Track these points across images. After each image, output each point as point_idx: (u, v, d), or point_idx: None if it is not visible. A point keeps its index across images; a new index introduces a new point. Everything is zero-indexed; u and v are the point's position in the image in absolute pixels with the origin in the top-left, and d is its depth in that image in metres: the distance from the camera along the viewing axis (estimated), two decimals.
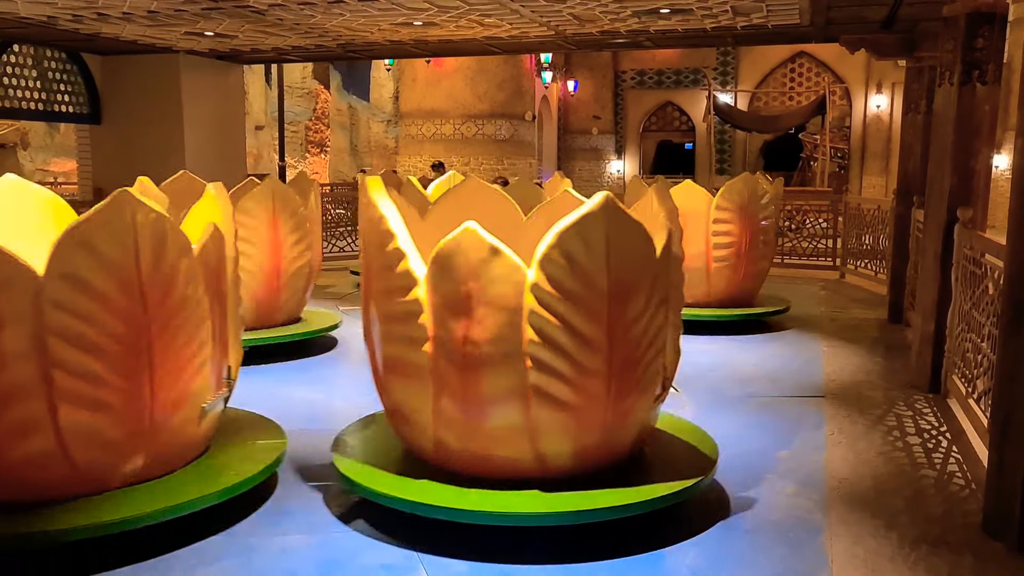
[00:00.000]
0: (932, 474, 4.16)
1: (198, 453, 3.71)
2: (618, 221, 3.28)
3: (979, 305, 4.61)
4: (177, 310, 3.30)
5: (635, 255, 3.33)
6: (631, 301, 3.32)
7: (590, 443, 3.45)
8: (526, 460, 3.44)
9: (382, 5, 6.57)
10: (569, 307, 3.23)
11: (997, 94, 5.29)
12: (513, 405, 3.32)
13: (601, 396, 3.35)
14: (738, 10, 6.83)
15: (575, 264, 3.20)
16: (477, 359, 3.30)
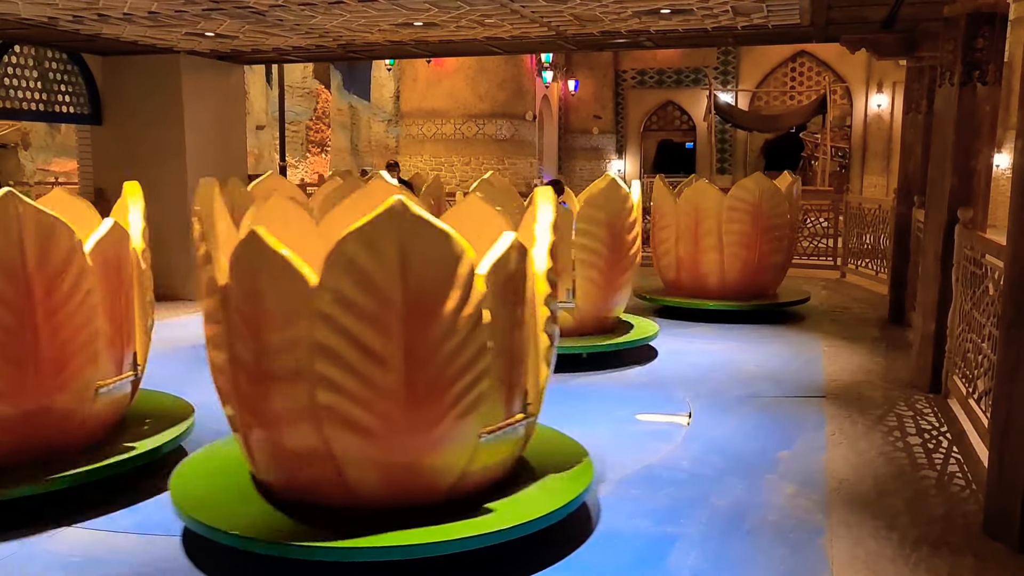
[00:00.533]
0: (933, 475, 4.17)
1: (102, 432, 3.93)
2: (415, 228, 2.88)
3: (980, 305, 4.61)
4: (64, 301, 3.52)
5: (439, 267, 2.93)
6: (435, 318, 2.92)
7: (399, 473, 3.10)
8: (331, 487, 3.14)
9: (382, 6, 6.57)
10: (356, 321, 2.87)
11: (998, 94, 5.29)
12: (306, 426, 3.01)
13: (401, 421, 2.99)
14: (738, 10, 6.82)
15: (361, 274, 2.85)
16: (268, 374, 3.02)
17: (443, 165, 15.65)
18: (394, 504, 3.16)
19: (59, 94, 9.02)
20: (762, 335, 7.43)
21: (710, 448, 4.51)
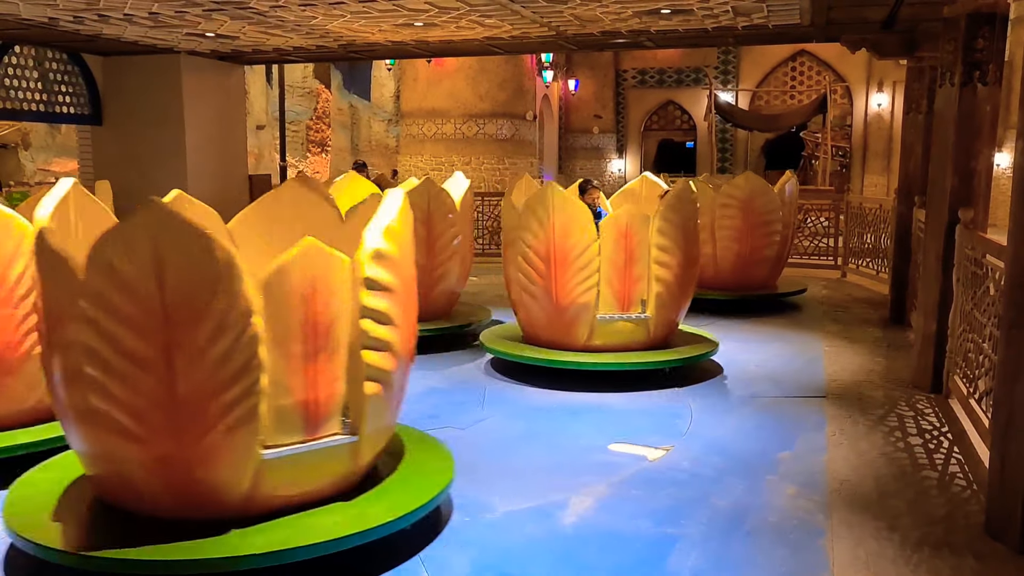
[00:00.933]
0: (934, 475, 4.17)
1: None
2: (174, 232, 2.81)
3: (980, 305, 4.61)
4: None
5: (202, 272, 2.84)
6: (200, 323, 2.84)
7: (183, 485, 3.03)
8: (123, 491, 3.14)
9: (383, 6, 6.57)
10: (117, 324, 2.83)
11: (998, 95, 5.29)
12: (87, 428, 3.02)
13: (166, 429, 2.91)
14: (739, 10, 6.82)
15: (117, 276, 2.81)
16: (51, 371, 3.09)
17: (443, 165, 15.63)
18: (187, 516, 3.08)
19: (59, 94, 9.02)
20: (762, 335, 7.43)
21: (710, 448, 4.51)
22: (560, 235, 5.69)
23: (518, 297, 6.08)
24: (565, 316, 5.80)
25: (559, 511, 3.72)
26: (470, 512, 3.71)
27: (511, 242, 6.02)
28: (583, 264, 5.69)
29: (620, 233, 5.78)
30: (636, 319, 5.88)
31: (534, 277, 5.84)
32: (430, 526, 3.51)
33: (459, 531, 3.53)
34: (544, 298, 5.84)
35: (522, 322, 6.24)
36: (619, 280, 5.85)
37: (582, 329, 5.79)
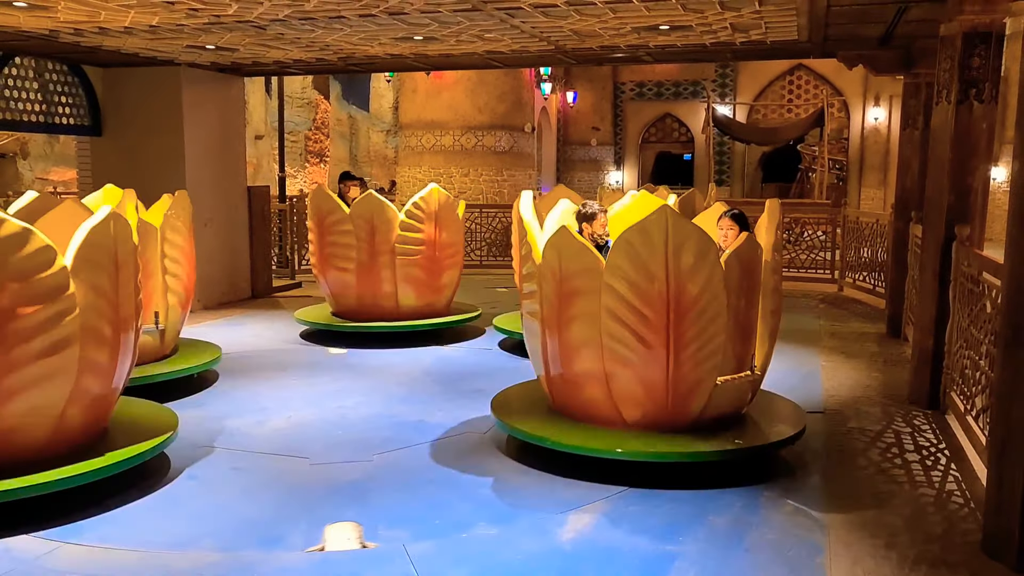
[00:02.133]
0: (931, 492, 4.17)
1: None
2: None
3: (977, 322, 4.63)
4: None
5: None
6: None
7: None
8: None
9: (383, 20, 6.60)
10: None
11: (994, 113, 5.33)
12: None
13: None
14: (737, 27, 6.86)
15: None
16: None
17: (442, 176, 15.67)
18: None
19: (59, 105, 9.03)
20: None
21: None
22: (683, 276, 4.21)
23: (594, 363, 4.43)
24: (681, 386, 4.30)
25: (557, 527, 3.72)
26: (465, 528, 3.71)
27: (575, 291, 4.35)
28: (711, 315, 4.22)
29: (743, 270, 4.41)
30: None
31: (632, 337, 4.26)
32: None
33: (456, 546, 3.54)
34: (649, 364, 4.29)
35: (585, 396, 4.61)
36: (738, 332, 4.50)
37: (698, 400, 4.37)
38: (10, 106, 8.49)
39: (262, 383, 6.25)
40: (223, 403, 5.74)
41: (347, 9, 6.17)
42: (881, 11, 6.13)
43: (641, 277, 4.16)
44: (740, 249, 4.35)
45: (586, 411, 4.54)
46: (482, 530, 3.70)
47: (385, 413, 5.52)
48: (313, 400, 5.80)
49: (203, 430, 5.07)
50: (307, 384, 6.25)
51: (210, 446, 4.80)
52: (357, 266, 7.54)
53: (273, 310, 9.44)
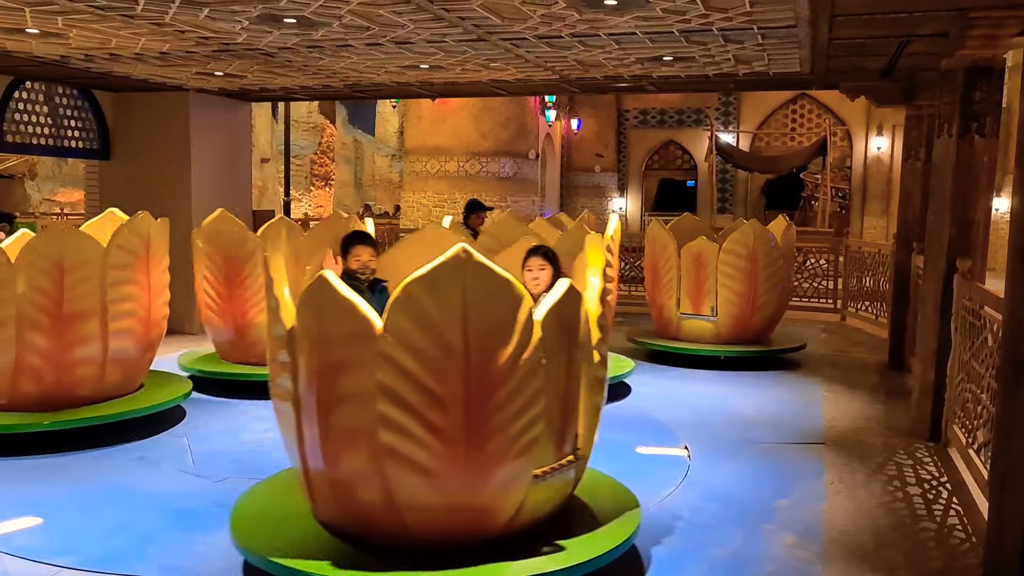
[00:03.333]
0: (932, 526, 4.16)
1: None
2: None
3: (978, 356, 4.63)
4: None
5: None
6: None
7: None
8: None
9: (389, 49, 6.68)
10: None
11: (995, 146, 5.37)
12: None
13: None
14: (740, 58, 6.94)
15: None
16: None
17: (446, 202, 15.75)
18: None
19: (69, 129, 9.13)
20: (760, 379, 7.44)
21: (708, 495, 4.50)
22: None
23: None
24: (487, 487, 3.38)
25: None
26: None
27: (341, 364, 3.26)
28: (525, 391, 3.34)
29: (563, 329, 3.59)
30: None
31: (419, 425, 3.37)
32: None
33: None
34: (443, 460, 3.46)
35: None
36: None
37: (510, 502, 3.45)
38: (20, 129, 8.58)
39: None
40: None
41: (354, 38, 6.25)
42: (883, 44, 6.20)
43: (430, 344, 3.05)
44: (560, 304, 3.28)
45: (361, 522, 3.39)
46: None
47: None
48: None
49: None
50: None
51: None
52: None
53: None
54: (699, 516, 4.21)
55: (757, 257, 7.87)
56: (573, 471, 3.52)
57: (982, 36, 5.06)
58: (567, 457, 3.44)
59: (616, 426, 5.55)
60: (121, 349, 5.58)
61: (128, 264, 5.62)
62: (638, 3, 5.09)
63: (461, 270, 3.00)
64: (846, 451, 5.34)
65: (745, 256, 7.85)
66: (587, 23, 5.68)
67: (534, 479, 3.25)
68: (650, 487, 4.63)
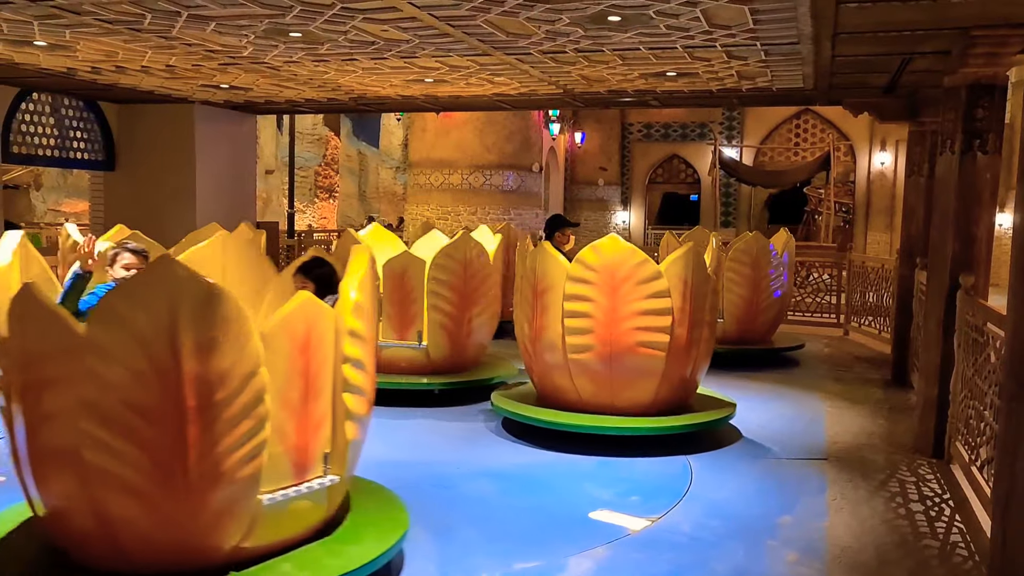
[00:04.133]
0: (935, 544, 4.14)
1: None
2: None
3: (981, 372, 4.63)
4: None
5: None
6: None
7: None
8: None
9: (394, 63, 6.72)
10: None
11: (998, 163, 5.38)
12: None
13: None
14: (743, 74, 6.97)
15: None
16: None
17: (450, 214, 15.79)
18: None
19: (75, 140, 9.18)
20: (763, 393, 7.43)
21: (711, 511, 4.49)
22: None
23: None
24: (204, 513, 3.20)
25: (557, 573, 3.71)
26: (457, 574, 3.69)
27: (47, 380, 3.16)
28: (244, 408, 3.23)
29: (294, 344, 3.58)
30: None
31: (130, 445, 3.17)
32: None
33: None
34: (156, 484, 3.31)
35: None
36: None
37: (234, 529, 3.29)
38: (27, 140, 8.63)
39: None
40: None
41: (359, 52, 6.29)
42: (886, 62, 6.23)
43: (138, 358, 2.85)
44: (290, 318, 3.17)
45: (81, 550, 3.20)
46: None
47: None
48: None
49: None
50: None
51: None
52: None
53: None
54: (701, 532, 4.20)
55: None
56: (322, 492, 3.33)
57: (984, 54, 5.08)
58: (313, 478, 3.28)
59: (613, 440, 5.57)
60: None
61: None
62: (642, 20, 5.12)
63: (167, 279, 2.84)
64: (849, 467, 5.33)
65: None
66: (591, 39, 5.71)
67: (262, 501, 3.08)
68: (652, 502, 4.63)
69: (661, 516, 4.39)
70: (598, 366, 5.57)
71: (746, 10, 4.84)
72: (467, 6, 4.88)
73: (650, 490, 4.84)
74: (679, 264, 5.54)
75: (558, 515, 4.41)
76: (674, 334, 5.49)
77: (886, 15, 4.79)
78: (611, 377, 5.59)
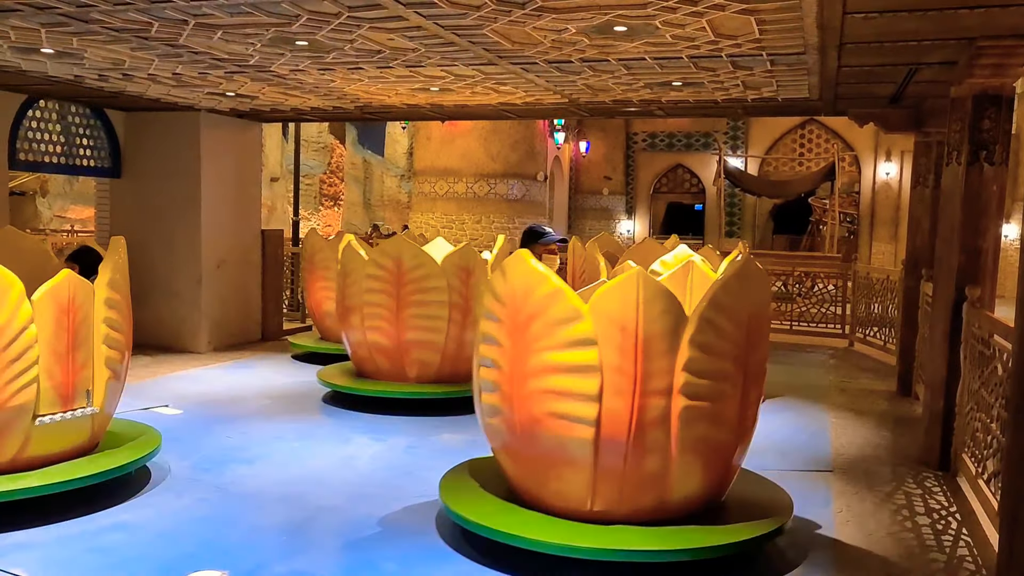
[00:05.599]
0: (942, 557, 4.11)
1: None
2: None
3: (988, 385, 4.60)
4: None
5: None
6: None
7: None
8: None
9: (400, 72, 6.73)
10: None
11: (1004, 174, 5.36)
12: None
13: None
14: (749, 84, 6.96)
15: None
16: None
17: (454, 223, 15.81)
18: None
19: (81, 147, 9.20)
20: (767, 404, 7.37)
21: None
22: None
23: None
24: None
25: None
26: None
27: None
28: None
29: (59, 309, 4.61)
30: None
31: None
32: None
33: None
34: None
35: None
36: None
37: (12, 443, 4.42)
38: (33, 147, 8.66)
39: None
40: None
41: (365, 61, 6.30)
42: (891, 72, 6.22)
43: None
44: (56, 287, 4.36)
45: None
46: None
47: None
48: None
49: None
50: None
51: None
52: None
53: (282, 353, 9.46)
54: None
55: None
56: (85, 419, 4.56)
57: (991, 65, 5.07)
58: (77, 407, 4.51)
59: None
60: None
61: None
62: (648, 30, 5.12)
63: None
64: (855, 479, 5.30)
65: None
66: (597, 48, 5.71)
67: (34, 423, 4.27)
68: None
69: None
70: (511, 439, 3.99)
71: (752, 20, 4.84)
72: (474, 16, 4.89)
73: None
74: (613, 299, 3.66)
75: None
76: (605, 406, 3.67)
77: (893, 25, 4.78)
78: (530, 459, 3.94)
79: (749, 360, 3.91)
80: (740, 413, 3.96)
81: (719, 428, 3.87)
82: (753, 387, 4.05)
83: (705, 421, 3.79)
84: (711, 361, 3.74)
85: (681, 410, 3.70)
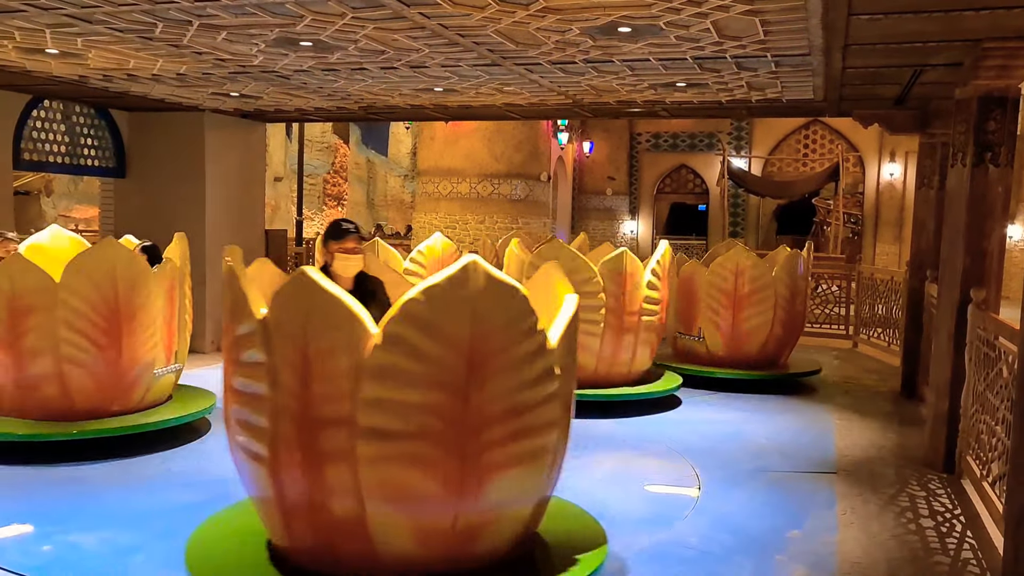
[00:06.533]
0: (946, 560, 4.10)
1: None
2: None
3: (993, 387, 4.59)
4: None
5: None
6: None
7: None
8: None
9: (404, 73, 6.73)
10: None
11: (1010, 176, 5.35)
12: None
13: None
14: (753, 85, 6.95)
15: None
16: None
17: (458, 223, 15.80)
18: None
19: (85, 147, 9.21)
20: (772, 406, 7.38)
21: (719, 525, 4.46)
22: None
23: None
24: None
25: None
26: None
27: None
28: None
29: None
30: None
31: None
32: None
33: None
34: None
35: None
36: None
37: None
38: (38, 147, 8.67)
39: None
40: None
41: (369, 62, 6.31)
42: (896, 73, 6.21)
43: (94, 294, 5.42)
44: (159, 275, 5.74)
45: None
46: None
47: None
48: None
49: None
50: None
51: None
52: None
53: None
54: (710, 546, 4.17)
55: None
56: (174, 374, 6.06)
57: (996, 67, 5.06)
58: (173, 364, 5.98)
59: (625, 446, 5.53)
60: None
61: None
62: (652, 31, 5.11)
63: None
64: (859, 481, 5.29)
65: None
66: (601, 49, 5.71)
67: (154, 374, 5.74)
68: (660, 514, 4.60)
69: (670, 529, 4.36)
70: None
71: (757, 21, 4.83)
72: (478, 16, 4.89)
73: (657, 502, 4.80)
74: (286, 308, 3.20)
75: None
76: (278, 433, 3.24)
77: (898, 27, 4.77)
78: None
79: (474, 398, 3.00)
80: (460, 464, 3.05)
81: (422, 475, 3.04)
82: (495, 431, 3.07)
83: (398, 464, 3.04)
84: (402, 391, 2.98)
85: (364, 447, 3.02)
